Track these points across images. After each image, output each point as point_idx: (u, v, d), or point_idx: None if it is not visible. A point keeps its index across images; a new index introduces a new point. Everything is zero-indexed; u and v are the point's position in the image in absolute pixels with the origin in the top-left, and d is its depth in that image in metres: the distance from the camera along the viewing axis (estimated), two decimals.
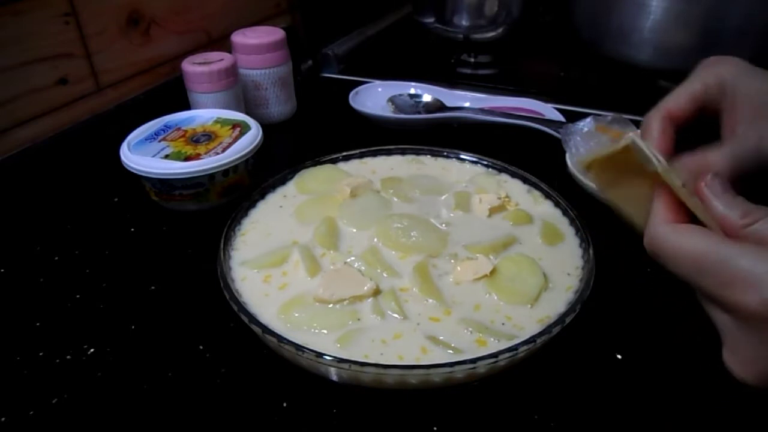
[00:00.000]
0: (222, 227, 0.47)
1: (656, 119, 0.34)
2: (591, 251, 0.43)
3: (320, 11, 0.97)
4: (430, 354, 0.37)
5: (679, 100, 0.34)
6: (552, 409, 0.37)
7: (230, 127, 0.59)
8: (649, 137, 0.33)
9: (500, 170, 0.56)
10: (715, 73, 0.33)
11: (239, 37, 0.70)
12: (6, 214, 0.57)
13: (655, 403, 0.37)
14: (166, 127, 0.59)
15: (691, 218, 0.29)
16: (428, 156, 0.59)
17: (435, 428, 0.36)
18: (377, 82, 0.80)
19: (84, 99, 0.66)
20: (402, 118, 0.73)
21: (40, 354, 0.42)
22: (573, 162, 0.56)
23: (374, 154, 0.59)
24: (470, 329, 0.39)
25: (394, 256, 0.46)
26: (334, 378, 0.37)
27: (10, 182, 0.59)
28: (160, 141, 0.57)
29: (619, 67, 0.82)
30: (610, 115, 0.43)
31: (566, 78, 0.92)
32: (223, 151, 0.55)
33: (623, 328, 0.43)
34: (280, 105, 0.74)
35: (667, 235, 0.27)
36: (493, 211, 0.50)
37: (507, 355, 0.35)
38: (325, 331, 0.39)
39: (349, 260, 0.45)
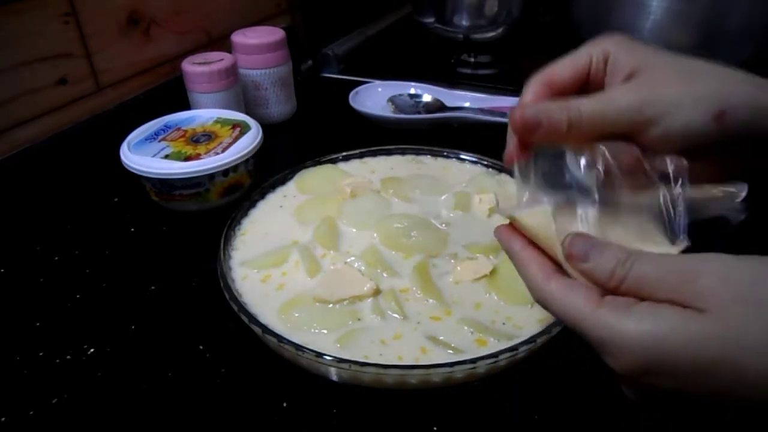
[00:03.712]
0: (222, 227, 0.47)
1: (535, 83, 0.34)
2: None
3: (320, 11, 0.97)
4: (430, 354, 0.37)
5: (563, 67, 0.33)
6: (552, 409, 0.37)
7: (230, 127, 0.59)
8: (523, 98, 0.34)
9: (500, 170, 0.56)
10: (601, 46, 0.32)
11: (239, 37, 0.70)
12: (6, 214, 0.57)
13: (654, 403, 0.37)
14: (166, 127, 0.59)
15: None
16: (428, 156, 0.59)
17: (435, 428, 0.36)
18: (377, 82, 0.80)
19: (84, 99, 0.66)
20: (402, 118, 0.73)
21: (40, 354, 0.42)
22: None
23: (374, 154, 0.59)
24: (470, 329, 0.39)
25: (394, 256, 0.46)
26: (334, 378, 0.37)
27: (10, 182, 0.59)
28: (160, 141, 0.57)
29: None
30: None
31: None
32: (223, 151, 0.55)
33: None
34: (280, 105, 0.74)
35: (549, 293, 0.27)
36: (493, 211, 0.50)
37: (507, 355, 0.35)
38: (325, 331, 0.39)
39: (349, 260, 0.45)
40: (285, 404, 0.38)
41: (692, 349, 0.22)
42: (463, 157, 0.58)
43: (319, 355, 0.35)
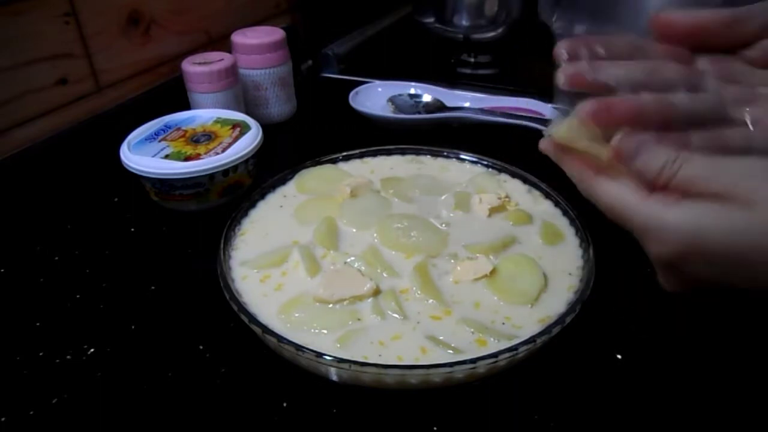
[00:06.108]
0: (222, 227, 0.47)
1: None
2: (591, 251, 0.43)
3: (320, 11, 0.97)
4: (430, 354, 0.37)
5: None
6: (552, 409, 0.37)
7: (230, 127, 0.59)
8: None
9: (500, 170, 0.56)
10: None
11: (239, 37, 0.70)
12: (6, 214, 0.57)
13: (655, 403, 0.37)
14: (166, 127, 0.59)
15: None
16: (428, 156, 0.59)
17: (435, 428, 0.36)
18: (377, 82, 0.80)
19: (84, 99, 0.66)
20: (402, 118, 0.73)
21: (40, 354, 0.42)
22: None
23: (374, 154, 0.59)
24: (470, 329, 0.39)
25: (394, 256, 0.46)
26: (334, 378, 0.37)
27: (10, 182, 0.59)
28: (160, 141, 0.57)
29: None
30: None
31: None
32: (223, 151, 0.55)
33: (623, 328, 0.43)
34: (280, 105, 0.74)
35: (598, 185, 0.29)
36: (493, 211, 0.50)
37: (507, 355, 0.35)
38: (325, 331, 0.39)
39: (349, 260, 0.45)
40: (285, 404, 0.38)
41: (730, 240, 0.23)
42: (463, 157, 0.58)
43: (319, 355, 0.35)
